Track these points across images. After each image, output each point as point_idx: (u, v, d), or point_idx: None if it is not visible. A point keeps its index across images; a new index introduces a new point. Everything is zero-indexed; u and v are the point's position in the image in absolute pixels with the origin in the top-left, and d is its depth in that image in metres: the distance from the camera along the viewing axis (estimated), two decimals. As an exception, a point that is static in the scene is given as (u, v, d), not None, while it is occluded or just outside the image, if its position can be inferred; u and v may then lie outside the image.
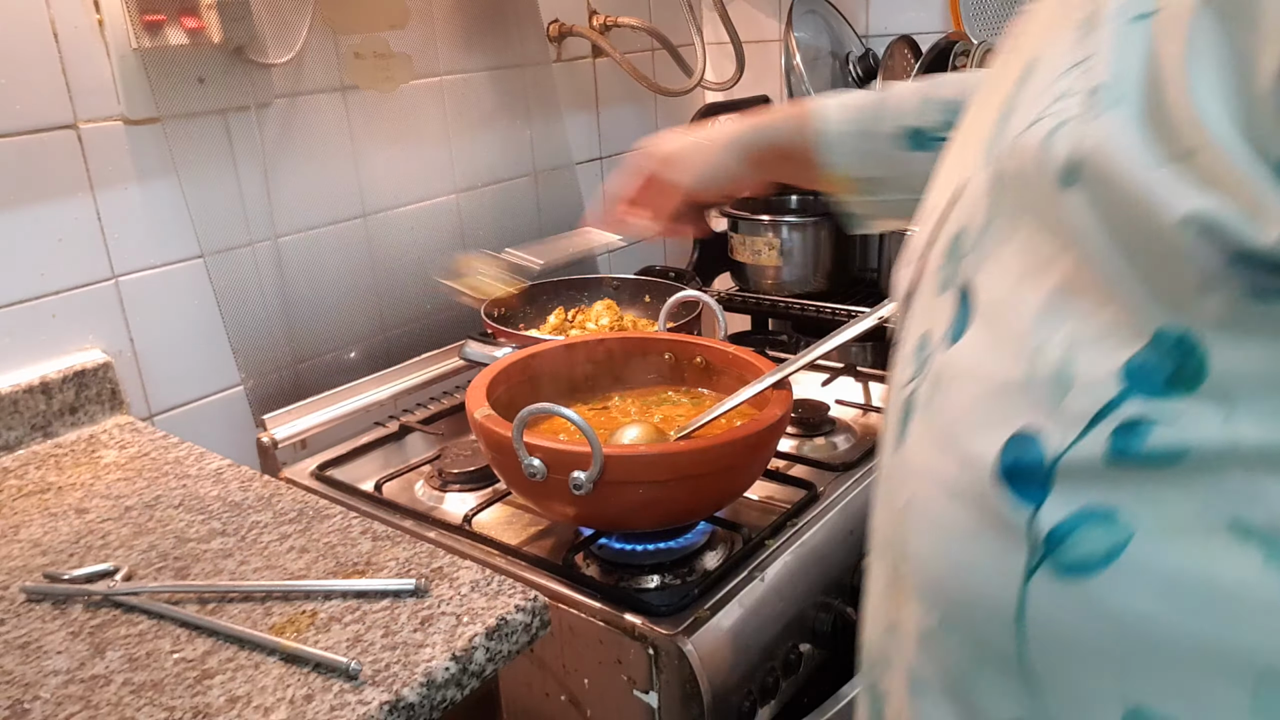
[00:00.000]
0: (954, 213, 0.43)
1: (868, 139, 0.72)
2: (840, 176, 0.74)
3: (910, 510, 0.41)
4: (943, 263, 0.42)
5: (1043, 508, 0.35)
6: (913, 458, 0.41)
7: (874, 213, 0.76)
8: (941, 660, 0.40)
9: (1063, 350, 0.34)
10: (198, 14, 1.04)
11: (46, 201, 0.99)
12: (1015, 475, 0.35)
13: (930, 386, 0.41)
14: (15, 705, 0.60)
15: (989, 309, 0.38)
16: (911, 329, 0.45)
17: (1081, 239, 0.33)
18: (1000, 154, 0.38)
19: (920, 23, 1.62)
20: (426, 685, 0.61)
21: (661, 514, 0.85)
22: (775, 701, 0.84)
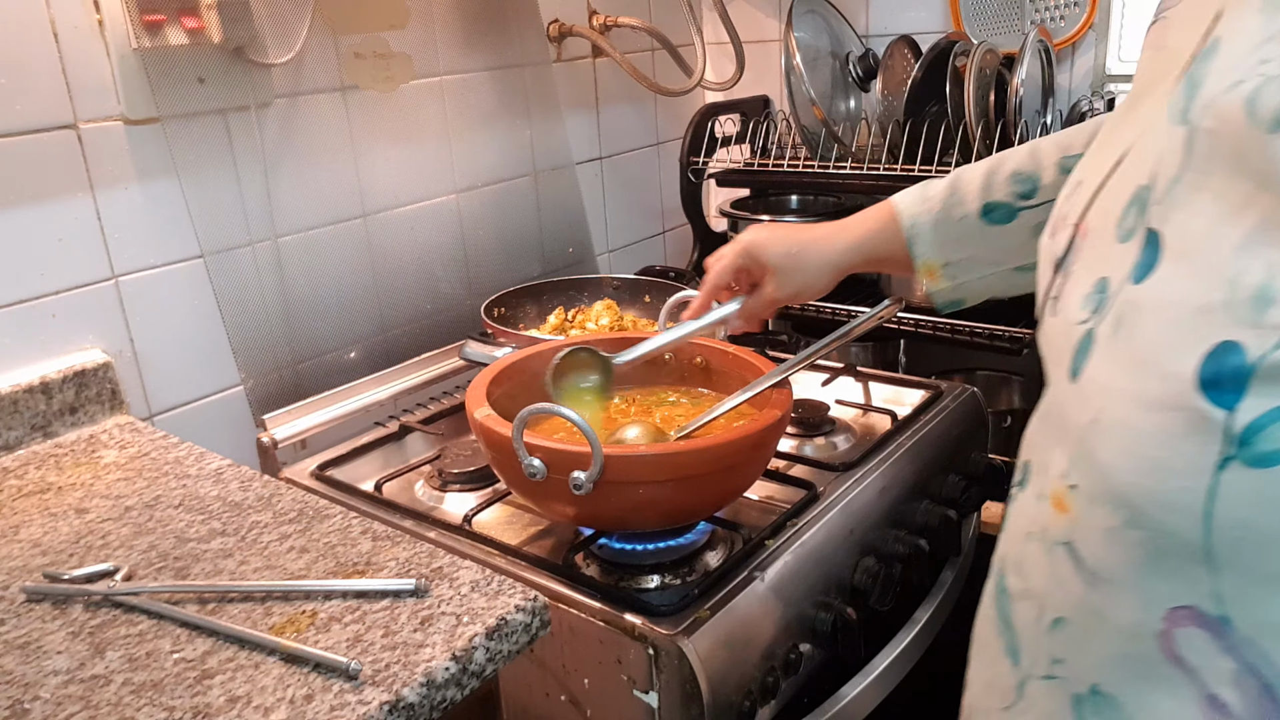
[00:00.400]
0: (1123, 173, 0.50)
1: (948, 224, 0.80)
2: (930, 264, 0.82)
3: (1099, 426, 0.46)
4: (1120, 217, 0.48)
5: (1239, 407, 0.40)
6: (1099, 382, 0.47)
7: (965, 293, 0.84)
8: (1121, 555, 0.46)
9: (1264, 274, 0.40)
10: (198, 14, 1.04)
11: (46, 201, 0.99)
12: (1215, 382, 0.41)
13: (1113, 322, 0.47)
14: (15, 705, 0.60)
15: (1182, 248, 0.44)
16: (1080, 279, 0.51)
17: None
18: (1195, 115, 0.44)
19: (920, 22, 1.62)
20: (426, 685, 0.61)
21: (661, 514, 0.85)
22: (775, 701, 0.84)
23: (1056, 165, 0.77)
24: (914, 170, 1.42)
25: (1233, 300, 0.41)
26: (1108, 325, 0.47)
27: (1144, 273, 0.45)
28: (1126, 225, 0.48)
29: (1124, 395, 0.45)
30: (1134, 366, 0.45)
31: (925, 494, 1.08)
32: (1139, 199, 0.47)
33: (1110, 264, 0.48)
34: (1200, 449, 0.42)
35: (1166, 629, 0.46)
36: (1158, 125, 0.47)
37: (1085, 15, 1.47)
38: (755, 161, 1.63)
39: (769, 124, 1.63)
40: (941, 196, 0.81)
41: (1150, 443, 0.44)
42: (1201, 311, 0.42)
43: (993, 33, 1.56)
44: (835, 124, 1.51)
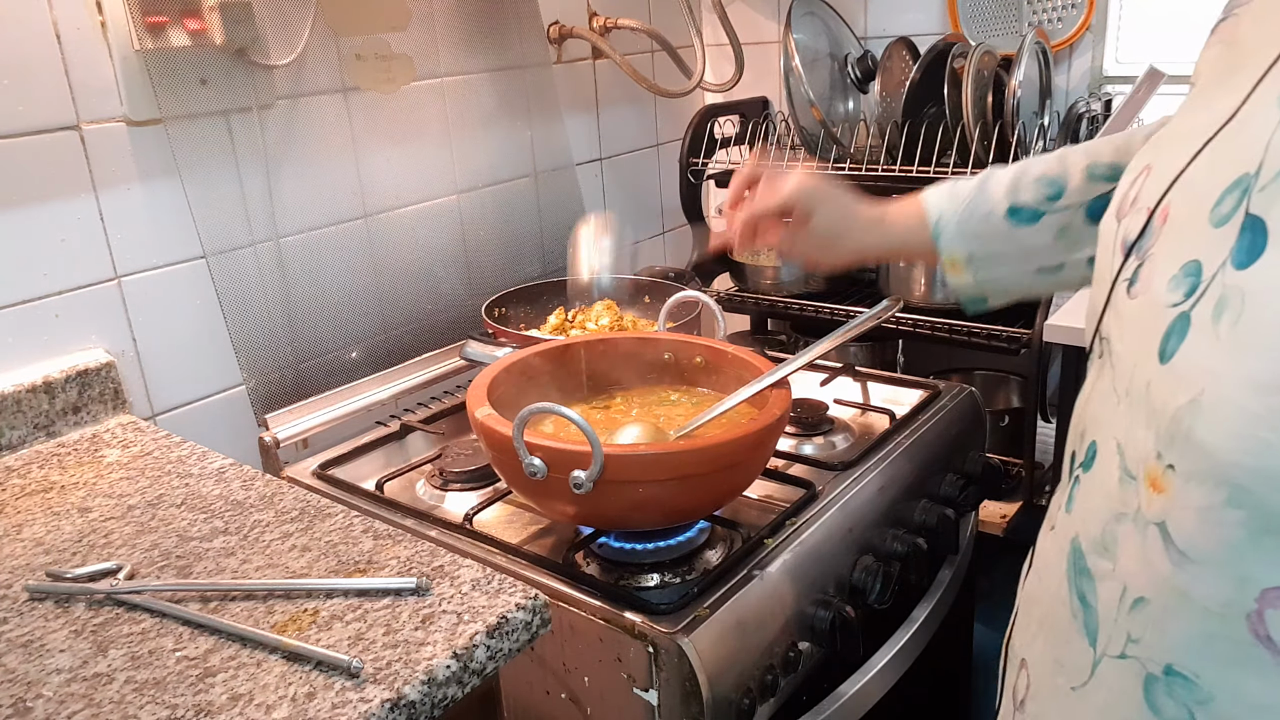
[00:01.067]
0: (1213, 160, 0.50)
1: (973, 220, 0.82)
2: (954, 257, 0.83)
3: (1200, 407, 0.47)
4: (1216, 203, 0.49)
5: None
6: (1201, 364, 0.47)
7: (989, 290, 0.85)
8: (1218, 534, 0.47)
9: None
10: (200, 16, 1.05)
11: (49, 202, 1.00)
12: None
13: (1215, 305, 0.47)
14: (18, 703, 0.60)
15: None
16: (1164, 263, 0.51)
17: None
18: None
19: (918, 24, 1.63)
20: (428, 683, 0.61)
21: (661, 513, 0.85)
22: (774, 699, 0.85)
23: (1084, 171, 0.79)
24: (912, 171, 1.42)
25: None
26: (1207, 308, 0.48)
27: (1249, 258, 0.46)
28: (1223, 211, 0.48)
29: (1230, 376, 0.46)
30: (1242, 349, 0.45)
31: (923, 493, 1.09)
32: (1240, 185, 0.48)
33: (1202, 248, 0.49)
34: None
35: (1259, 609, 0.47)
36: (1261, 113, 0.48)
37: (1083, 17, 1.47)
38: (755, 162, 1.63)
39: (768, 125, 1.63)
40: (969, 195, 0.84)
41: (1260, 424, 0.44)
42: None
43: (990, 34, 1.56)
44: (834, 125, 1.51)
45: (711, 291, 1.66)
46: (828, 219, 0.87)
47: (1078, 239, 0.80)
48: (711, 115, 1.67)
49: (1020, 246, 0.82)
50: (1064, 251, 0.81)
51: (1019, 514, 1.42)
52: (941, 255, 0.84)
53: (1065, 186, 0.79)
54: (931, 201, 0.85)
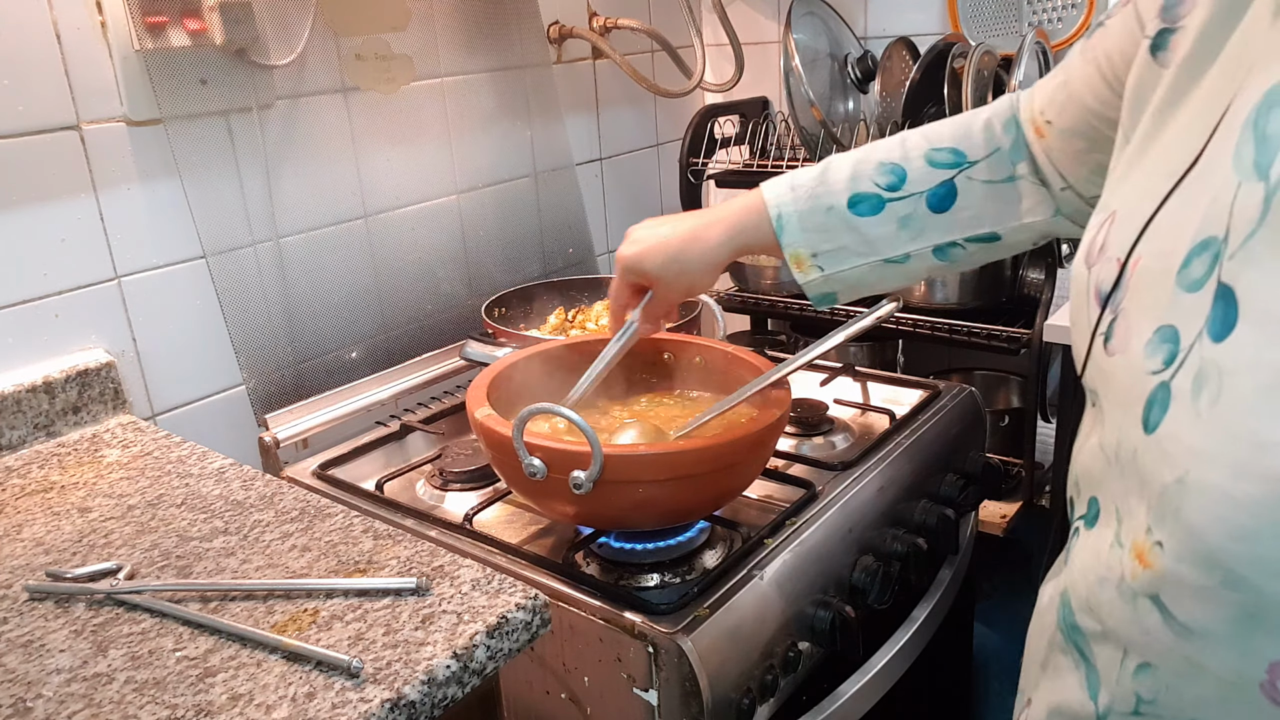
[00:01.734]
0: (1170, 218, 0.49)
1: (816, 214, 0.80)
2: (798, 254, 0.81)
3: (1186, 488, 0.46)
4: (1183, 265, 0.48)
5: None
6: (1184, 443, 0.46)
7: (837, 285, 0.82)
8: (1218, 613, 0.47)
9: None
10: (200, 16, 1.05)
11: (49, 202, 1.00)
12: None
13: (1193, 379, 0.46)
14: (18, 703, 0.60)
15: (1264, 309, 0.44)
16: (1139, 322, 0.51)
17: None
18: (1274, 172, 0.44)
19: (918, 24, 1.63)
20: (428, 683, 0.61)
21: (661, 513, 0.85)
22: (774, 699, 0.85)
23: (924, 158, 0.77)
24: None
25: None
26: (1186, 381, 0.47)
27: (1223, 331, 0.45)
28: (1194, 274, 0.47)
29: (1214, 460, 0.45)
30: (1223, 432, 0.44)
31: (923, 493, 1.09)
32: (1209, 248, 0.47)
33: (1177, 313, 0.48)
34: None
35: (1270, 679, 0.46)
36: (1219, 170, 0.47)
37: (1083, 17, 1.47)
38: (754, 162, 1.63)
39: (768, 125, 1.63)
40: (809, 187, 0.81)
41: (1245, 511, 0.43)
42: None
43: (991, 34, 1.56)
44: (834, 125, 1.51)
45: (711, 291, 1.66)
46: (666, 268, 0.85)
47: (921, 229, 0.78)
48: (711, 115, 1.67)
49: (863, 238, 0.79)
50: (908, 241, 0.79)
51: (1019, 514, 1.42)
52: (785, 252, 0.81)
53: (906, 175, 0.78)
54: (770, 197, 0.82)
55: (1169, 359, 0.48)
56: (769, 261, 1.60)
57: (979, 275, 1.42)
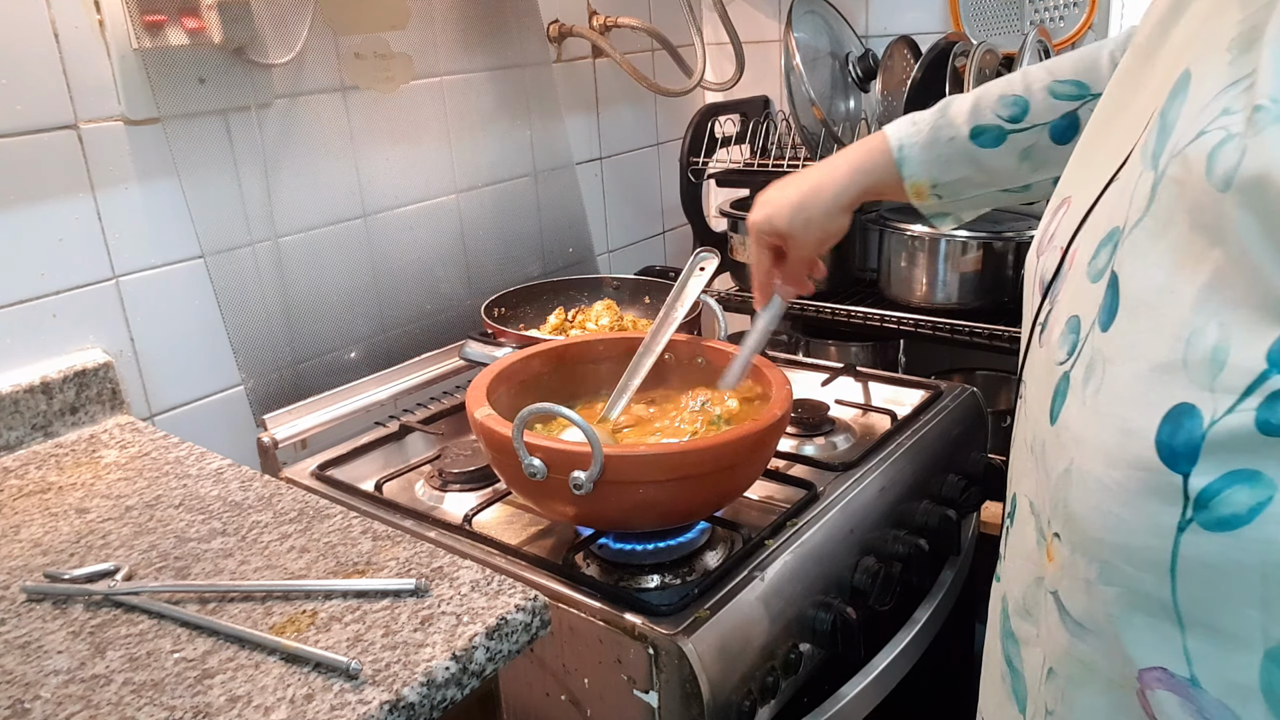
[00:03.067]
0: (1102, 208, 0.49)
1: (937, 145, 0.81)
2: (920, 184, 0.82)
3: (1070, 476, 0.46)
4: (1093, 255, 0.48)
5: (1194, 472, 0.40)
6: (1072, 430, 0.46)
7: (955, 209, 0.85)
8: (1099, 609, 0.46)
9: (1216, 336, 0.40)
10: (198, 14, 1.04)
11: (47, 202, 0.99)
12: (1172, 444, 0.41)
13: (1085, 368, 0.46)
14: (16, 705, 0.60)
15: (1140, 298, 0.43)
16: (1059, 312, 0.51)
17: (1235, 238, 0.39)
18: (1164, 162, 0.43)
19: (920, 23, 1.62)
20: (427, 685, 0.61)
21: (661, 514, 0.85)
22: (775, 701, 0.85)
23: (1046, 89, 0.77)
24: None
25: (1188, 360, 0.40)
26: (1080, 370, 0.47)
27: (1108, 319, 0.45)
28: (1098, 265, 0.47)
29: (1091, 447, 0.45)
30: (1101, 419, 0.44)
31: (925, 494, 1.08)
32: (1112, 239, 0.47)
33: (1082, 302, 0.48)
34: (1161, 510, 0.42)
35: (1140, 689, 0.45)
36: (1134, 164, 0.47)
37: (1084, 16, 1.47)
38: (755, 162, 1.63)
39: (769, 124, 1.63)
40: (930, 121, 0.82)
41: (1115, 499, 0.43)
42: (1161, 369, 0.41)
43: (992, 33, 1.56)
44: (835, 124, 1.51)
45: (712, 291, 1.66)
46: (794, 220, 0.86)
47: (1043, 160, 0.78)
48: (712, 114, 1.66)
49: (984, 168, 0.80)
50: (1029, 173, 0.79)
51: (1020, 514, 1.42)
52: (906, 183, 0.83)
53: (1029, 106, 0.78)
54: (892, 133, 0.84)
55: (1071, 349, 0.48)
56: (769, 261, 1.59)
57: (980, 275, 1.42)
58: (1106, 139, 0.53)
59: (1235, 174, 0.38)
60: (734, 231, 1.63)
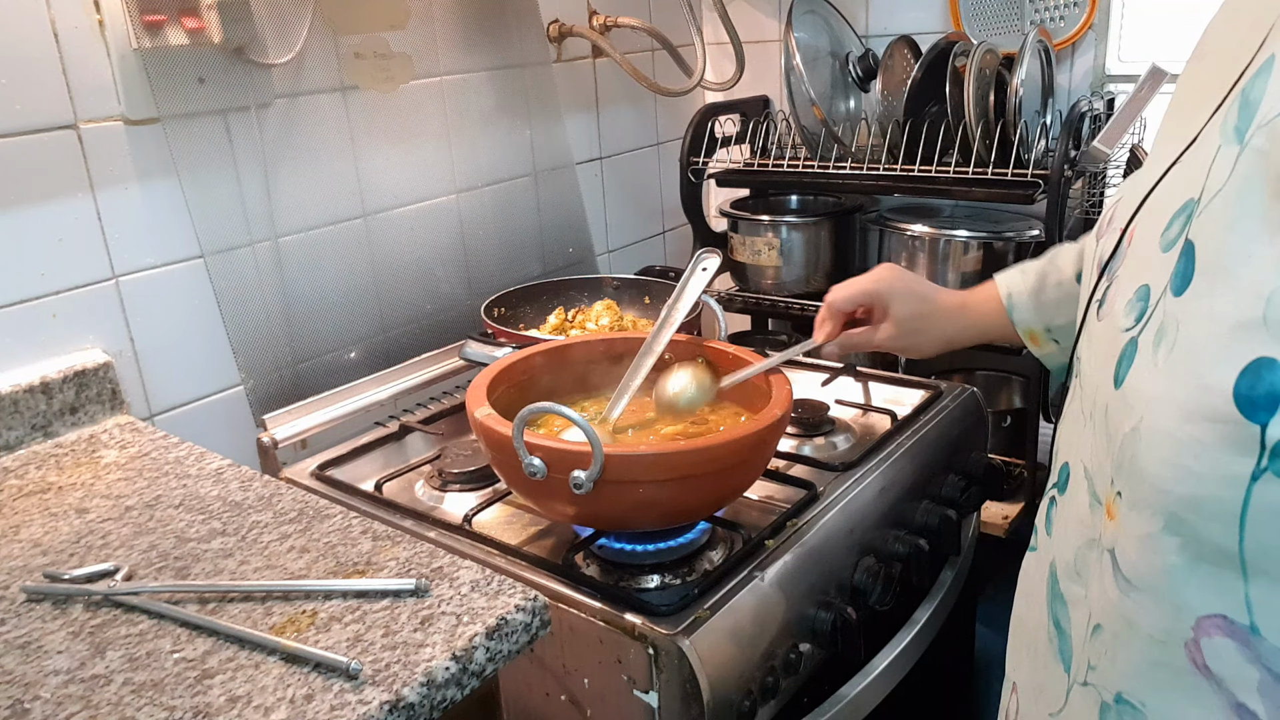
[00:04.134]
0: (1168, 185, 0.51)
1: (1045, 291, 0.85)
2: (1033, 330, 0.86)
3: (1139, 434, 0.47)
4: (1165, 227, 0.49)
5: (1272, 421, 0.41)
6: (1141, 391, 0.48)
7: None
8: (1157, 561, 0.47)
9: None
10: (198, 14, 1.04)
11: (47, 202, 0.99)
12: (1251, 396, 0.42)
13: (1156, 332, 0.47)
14: (15, 705, 0.60)
15: (1218, 262, 0.45)
16: (1123, 285, 0.52)
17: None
18: (1250, 134, 0.45)
19: (920, 23, 1.62)
20: (427, 685, 0.61)
21: (661, 514, 0.85)
22: (775, 701, 0.85)
23: None
24: (913, 170, 1.42)
25: (1269, 318, 0.42)
26: (1150, 335, 0.48)
27: (1182, 284, 0.46)
28: (1170, 236, 0.49)
29: (1164, 405, 0.46)
30: (1174, 377, 0.46)
31: (925, 494, 1.08)
32: (1186, 211, 0.48)
33: (1152, 272, 0.50)
34: (1235, 460, 0.43)
35: (1195, 638, 0.47)
36: (1209, 139, 0.48)
37: (1085, 16, 1.47)
38: (755, 161, 1.63)
39: (769, 124, 1.63)
40: (1037, 268, 0.86)
41: (1188, 452, 0.44)
42: (1239, 327, 0.43)
43: (992, 33, 1.56)
44: (835, 124, 1.51)
45: (712, 291, 1.66)
46: (907, 310, 0.91)
47: None
48: (712, 114, 1.66)
49: None
50: None
51: (1021, 515, 1.42)
52: (1018, 329, 0.87)
53: None
54: (1002, 280, 0.89)
55: (1139, 315, 0.50)
56: (769, 261, 1.60)
57: (980, 275, 1.42)
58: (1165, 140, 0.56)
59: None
60: (734, 231, 1.63)
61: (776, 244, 1.58)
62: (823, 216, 1.60)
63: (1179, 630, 0.47)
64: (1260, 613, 0.44)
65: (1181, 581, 0.47)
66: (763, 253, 1.59)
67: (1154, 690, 0.49)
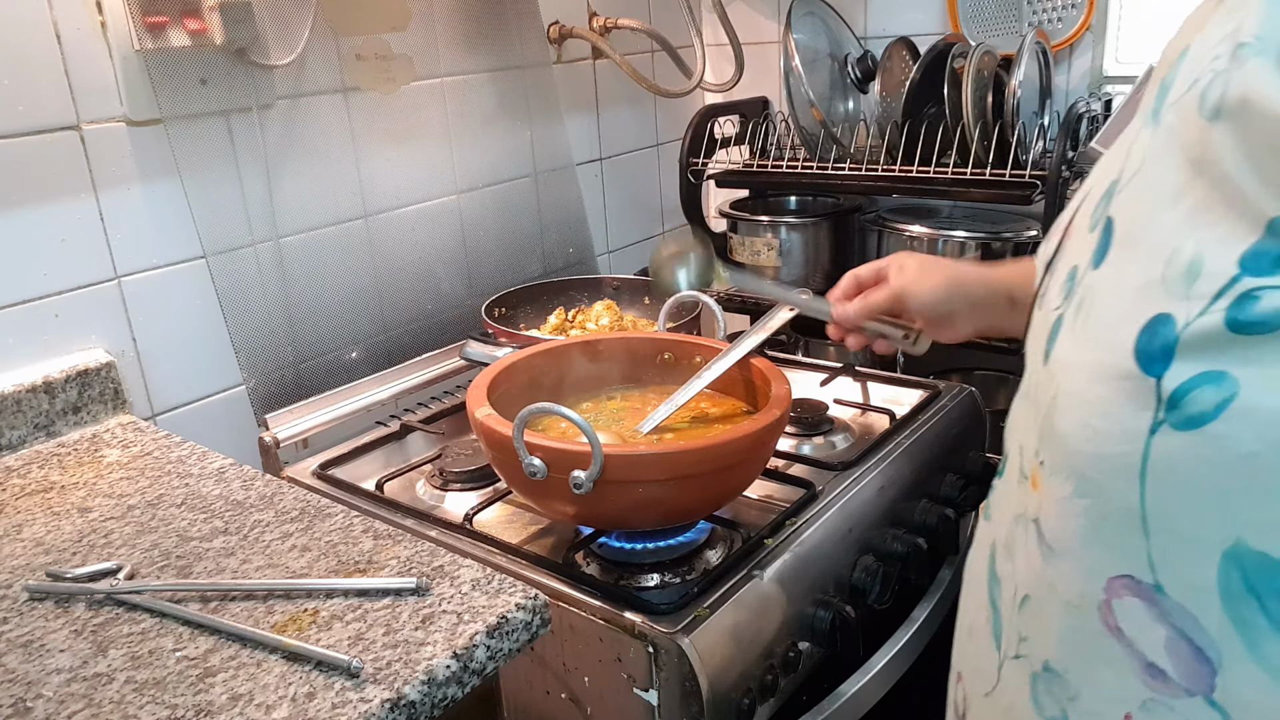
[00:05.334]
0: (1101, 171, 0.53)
1: None
2: None
3: (1057, 400, 0.49)
4: (1092, 210, 0.51)
5: (1167, 374, 0.42)
6: (1061, 360, 0.49)
7: None
8: (1071, 524, 0.48)
9: (1193, 251, 0.42)
10: (200, 16, 1.05)
11: (49, 202, 1.00)
12: (1148, 349, 0.43)
13: (1076, 305, 0.49)
14: (18, 703, 0.60)
15: (1129, 233, 0.47)
16: (1060, 269, 0.54)
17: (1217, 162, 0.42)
18: (1162, 114, 0.47)
19: (919, 24, 1.63)
20: (428, 683, 0.61)
21: (661, 513, 0.85)
22: (774, 699, 0.85)
23: None
24: (912, 171, 1.42)
25: (1167, 276, 0.43)
26: (1072, 309, 0.50)
27: (1100, 258, 0.48)
28: (1095, 216, 0.51)
29: (1078, 370, 0.47)
30: (1086, 342, 0.47)
31: (924, 493, 1.09)
32: (1109, 192, 0.50)
33: (1079, 252, 0.51)
34: (1135, 414, 0.44)
35: (1106, 599, 0.47)
36: (1132, 128, 0.51)
37: (1083, 17, 1.47)
38: (754, 162, 1.63)
39: (768, 125, 1.63)
40: None
41: (1096, 412, 0.46)
42: (1142, 288, 0.44)
43: (990, 34, 1.56)
44: (834, 125, 1.51)
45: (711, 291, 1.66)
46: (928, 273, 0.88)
47: None
48: (711, 115, 1.67)
49: None
50: None
51: (1019, 514, 1.42)
52: None
53: None
54: None
55: (1067, 294, 0.51)
56: (769, 261, 1.60)
57: (979, 275, 1.42)
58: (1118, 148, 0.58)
59: (1222, 102, 0.41)
60: (733, 232, 1.63)
61: (775, 244, 1.58)
62: (821, 217, 1.61)
63: (1093, 593, 0.48)
64: (1162, 570, 0.45)
65: (1092, 542, 0.47)
66: (762, 253, 1.59)
67: (1074, 655, 0.50)
